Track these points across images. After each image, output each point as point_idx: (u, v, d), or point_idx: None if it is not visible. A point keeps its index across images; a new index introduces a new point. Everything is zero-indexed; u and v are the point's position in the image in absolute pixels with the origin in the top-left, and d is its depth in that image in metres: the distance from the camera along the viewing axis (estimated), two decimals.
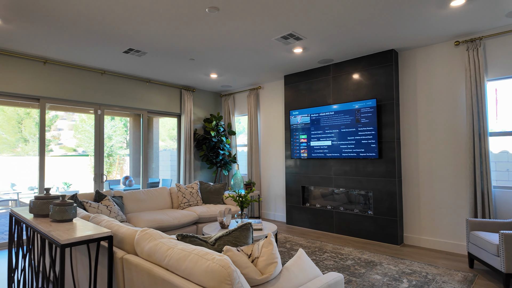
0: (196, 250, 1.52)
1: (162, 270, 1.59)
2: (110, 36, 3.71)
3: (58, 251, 2.33)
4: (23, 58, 4.33)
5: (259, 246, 1.68)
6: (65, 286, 2.54)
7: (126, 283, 1.81)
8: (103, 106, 5.20)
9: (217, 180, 6.79)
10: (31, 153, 16.01)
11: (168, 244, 1.67)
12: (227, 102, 6.85)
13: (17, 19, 3.24)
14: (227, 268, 1.33)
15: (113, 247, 1.94)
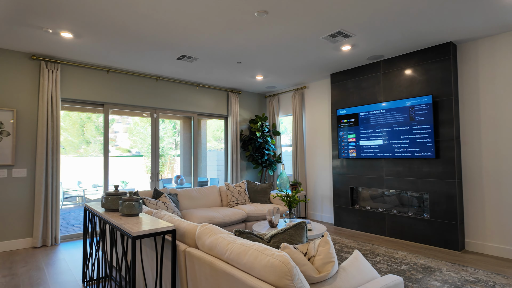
0: (255, 245, 1.59)
1: (223, 263, 1.68)
2: (165, 44, 3.98)
3: (130, 242, 2.56)
4: (90, 68, 4.81)
5: (315, 245, 1.70)
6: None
7: (189, 274, 1.94)
8: (158, 109, 5.58)
9: (262, 180, 6.89)
10: (93, 154, 17.59)
11: (227, 239, 1.76)
12: (272, 102, 6.92)
13: (86, 34, 3.62)
14: (287, 264, 1.38)
15: (176, 240, 2.09)
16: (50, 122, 4.33)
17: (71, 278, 3.15)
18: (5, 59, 4.11)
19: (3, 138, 4.06)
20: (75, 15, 3.14)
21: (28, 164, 4.25)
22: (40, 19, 3.22)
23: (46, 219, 4.28)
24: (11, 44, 3.96)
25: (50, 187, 4.30)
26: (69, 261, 3.67)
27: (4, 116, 4.07)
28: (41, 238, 4.22)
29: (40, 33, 3.59)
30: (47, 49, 4.12)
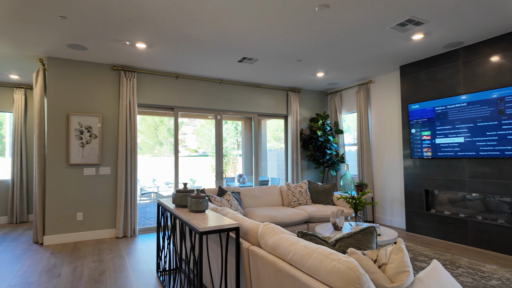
0: (319, 248, 1.53)
1: (286, 264, 1.66)
2: (227, 48, 4.11)
3: (197, 237, 2.70)
4: (161, 75, 5.23)
5: (387, 252, 1.57)
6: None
7: (252, 272, 1.96)
8: (221, 111, 5.81)
9: (324, 180, 6.68)
10: (165, 154, 19.01)
11: (290, 240, 1.73)
12: (334, 100, 6.67)
13: (158, 43, 3.94)
14: (355, 271, 1.29)
15: (239, 238, 2.13)
16: (129, 125, 4.82)
17: (147, 268, 3.45)
18: (93, 71, 4.71)
19: (92, 141, 4.65)
20: (148, 27, 3.44)
21: (111, 163, 4.80)
22: (119, 33, 3.60)
23: (126, 213, 4.78)
24: (97, 58, 4.51)
25: (130, 184, 4.79)
26: (145, 251, 4.04)
27: (92, 121, 4.66)
28: (122, 230, 4.73)
29: (120, 46, 4.02)
30: (125, 60, 4.60)
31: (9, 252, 4.01)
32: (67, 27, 3.42)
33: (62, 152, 4.48)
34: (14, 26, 3.36)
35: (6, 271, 3.35)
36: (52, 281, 3.07)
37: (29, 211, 5.96)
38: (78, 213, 4.54)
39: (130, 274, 3.25)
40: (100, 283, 3.01)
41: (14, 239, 4.61)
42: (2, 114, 6.41)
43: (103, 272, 3.30)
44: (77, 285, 2.97)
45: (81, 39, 3.76)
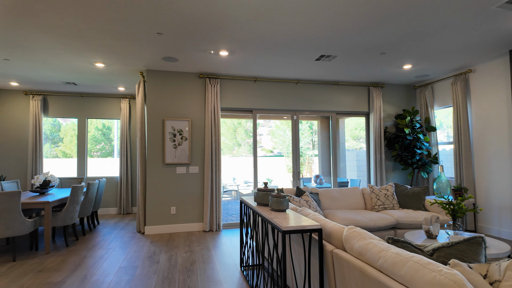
0: (415, 257, 1.40)
1: (376, 271, 1.57)
2: (305, 47, 4.09)
3: (280, 236, 2.76)
4: (240, 79, 5.49)
5: (501, 268, 1.35)
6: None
7: (337, 276, 1.91)
8: (298, 112, 5.80)
9: (413, 183, 6.08)
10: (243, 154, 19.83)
11: (379, 245, 1.63)
12: (423, 93, 6.01)
13: (238, 50, 4.15)
14: (461, 285, 1.15)
15: (322, 240, 2.10)
16: (213, 128, 5.19)
17: (231, 261, 3.66)
18: (182, 80, 5.22)
19: (183, 142, 5.16)
20: (230, 36, 3.65)
21: (199, 163, 5.24)
22: (205, 43, 3.92)
23: (212, 209, 5.16)
24: (186, 67, 4.99)
25: (214, 182, 5.15)
26: (229, 246, 4.29)
27: (183, 125, 5.17)
28: (208, 224, 5.11)
29: (205, 55, 4.36)
30: (209, 68, 4.97)
31: (119, 238, 4.72)
32: (162, 42, 3.87)
33: (159, 152, 5.09)
34: (121, 46, 3.96)
35: (118, 254, 3.96)
36: (152, 266, 3.50)
37: (133, 204, 6.92)
38: (172, 207, 5.08)
39: (217, 266, 3.49)
40: (192, 272, 3.32)
41: (122, 228, 5.41)
42: (111, 121, 7.59)
43: (193, 262, 3.63)
44: (172, 272, 3.33)
45: (174, 51, 4.21)
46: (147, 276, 3.21)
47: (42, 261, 3.67)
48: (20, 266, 3.51)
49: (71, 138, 8.19)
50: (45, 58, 4.39)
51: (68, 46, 3.94)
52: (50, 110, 6.59)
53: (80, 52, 4.14)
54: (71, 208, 4.33)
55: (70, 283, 3.03)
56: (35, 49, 4.03)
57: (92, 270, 3.39)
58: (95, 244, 4.38)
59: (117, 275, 3.23)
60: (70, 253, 4.00)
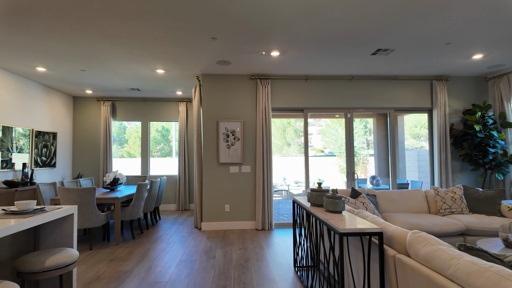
0: (494, 267, 1.26)
1: (445, 280, 1.44)
2: (359, 43, 3.93)
3: (337, 238, 2.69)
4: (291, 79, 5.47)
5: None
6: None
7: (400, 282, 1.80)
8: (351, 109, 5.59)
9: (485, 186, 5.46)
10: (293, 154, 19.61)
11: (450, 252, 1.50)
12: (497, 86, 5.36)
13: (289, 49, 4.14)
14: None
15: (383, 244, 2.00)
16: (264, 128, 5.26)
17: (284, 261, 3.67)
18: (235, 82, 5.37)
19: (236, 143, 5.31)
20: (282, 36, 3.66)
21: (250, 162, 5.34)
22: (257, 45, 3.98)
23: (264, 208, 5.22)
24: (239, 70, 5.12)
25: (266, 181, 5.21)
26: (282, 245, 4.30)
27: (235, 126, 5.32)
28: (261, 223, 5.19)
29: (257, 57, 4.44)
30: (261, 69, 5.04)
31: (179, 233, 5.03)
32: (216, 47, 4.03)
33: (213, 152, 5.30)
34: (179, 52, 4.21)
35: (178, 248, 4.22)
36: (209, 261, 3.67)
37: (190, 200, 7.31)
38: (226, 205, 5.26)
39: (270, 265, 3.53)
40: (246, 269, 3.40)
41: (181, 223, 5.75)
42: (169, 123, 8.11)
43: (247, 259, 3.71)
44: (228, 268, 3.45)
45: (227, 55, 4.36)
46: (204, 270, 3.37)
47: (113, 251, 4.07)
48: (95, 255, 3.93)
49: (134, 139, 8.92)
50: (114, 67, 4.86)
51: (133, 55, 4.31)
52: (118, 114, 7.28)
53: (144, 60, 4.50)
54: (137, 204, 4.73)
55: (137, 273, 3.31)
56: (106, 60, 4.48)
57: (155, 261, 3.67)
58: (157, 238, 4.73)
59: (177, 268, 3.45)
60: (136, 245, 4.37)
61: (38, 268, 1.99)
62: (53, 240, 2.45)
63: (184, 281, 3.07)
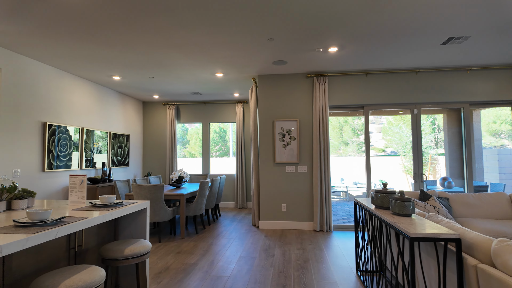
0: None
1: None
2: (427, 32, 3.61)
3: (407, 243, 2.52)
4: (350, 75, 5.25)
5: None
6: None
7: None
8: (418, 105, 5.17)
9: None
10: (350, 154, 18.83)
11: None
12: None
13: (348, 44, 3.98)
14: None
15: (461, 251, 1.81)
16: (321, 127, 5.14)
17: (345, 264, 3.54)
18: (290, 81, 5.35)
19: (291, 142, 5.29)
20: (340, 31, 3.54)
21: (307, 162, 5.27)
22: (314, 42, 3.91)
23: (322, 209, 5.11)
24: (294, 69, 5.09)
25: (324, 181, 5.09)
26: (342, 248, 4.16)
27: (291, 125, 5.29)
28: (319, 224, 5.08)
29: (313, 54, 4.36)
30: (317, 66, 4.94)
31: (238, 230, 5.18)
32: (273, 47, 4.06)
33: (269, 152, 5.36)
34: (237, 56, 4.34)
35: (238, 244, 4.35)
36: (268, 259, 3.71)
37: (248, 199, 7.49)
38: (283, 204, 5.27)
39: (331, 267, 3.43)
40: (306, 270, 3.36)
41: (240, 221, 5.92)
42: (226, 124, 8.41)
43: (306, 260, 3.66)
44: (287, 267, 3.45)
45: (283, 54, 4.36)
46: (264, 268, 3.42)
47: (179, 244, 4.37)
48: (164, 247, 4.26)
49: (195, 140, 9.42)
50: (178, 73, 5.21)
51: (196, 61, 4.57)
52: (182, 117, 7.78)
53: (205, 65, 4.74)
54: (200, 201, 5.00)
55: (202, 266, 3.50)
56: (172, 66, 4.83)
57: (217, 256, 3.83)
58: (218, 234, 4.94)
59: (238, 264, 3.56)
60: (199, 239, 4.62)
61: (118, 256, 2.23)
62: (130, 231, 2.72)
63: (245, 277, 3.16)
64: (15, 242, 1.39)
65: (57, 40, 3.75)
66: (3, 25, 3.31)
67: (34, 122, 4.46)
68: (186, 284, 3.01)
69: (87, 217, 1.92)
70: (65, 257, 2.10)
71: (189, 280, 3.10)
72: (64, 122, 5.05)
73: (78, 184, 2.46)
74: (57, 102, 4.92)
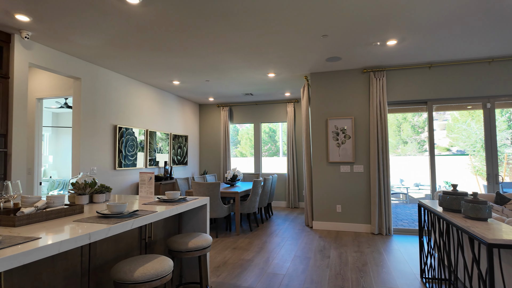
0: None
1: None
2: (504, 15, 3.22)
3: (483, 250, 2.30)
4: (411, 68, 4.91)
5: None
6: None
7: None
8: (492, 98, 4.63)
9: None
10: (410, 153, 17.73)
11: None
12: None
13: (410, 36, 3.73)
14: None
15: None
16: (379, 124, 4.89)
17: (408, 269, 3.33)
18: (345, 78, 5.19)
19: (346, 141, 5.12)
20: (401, 22, 3.34)
21: (363, 162, 5.06)
22: (371, 36, 3.75)
23: (381, 211, 4.86)
24: (349, 65, 4.92)
25: (382, 182, 4.83)
26: (404, 253, 3.91)
27: (346, 123, 5.13)
28: (377, 226, 4.84)
29: (370, 48, 4.17)
30: (374, 61, 4.71)
31: (291, 230, 5.18)
32: (327, 44, 3.99)
33: (323, 151, 5.25)
34: (290, 55, 4.34)
35: (291, 243, 4.35)
36: (324, 260, 3.64)
37: (299, 199, 7.43)
38: (337, 205, 5.13)
39: (392, 272, 3.26)
40: (364, 273, 3.23)
41: (292, 220, 5.91)
42: (275, 124, 8.45)
43: (365, 263, 3.52)
44: (344, 269, 3.35)
45: (337, 51, 4.25)
46: (320, 269, 3.37)
47: (235, 240, 4.51)
48: (221, 242, 4.44)
49: (246, 140, 9.63)
50: (232, 76, 5.38)
51: (249, 63, 4.68)
52: (234, 118, 8.03)
53: (258, 66, 4.83)
54: (253, 199, 5.11)
55: (257, 262, 3.58)
56: (226, 69, 5.01)
57: (272, 254, 3.88)
58: (271, 232, 4.99)
59: (293, 263, 3.56)
60: (254, 236, 4.72)
61: (183, 248, 2.39)
62: (192, 226, 2.89)
63: (300, 276, 3.15)
64: (100, 230, 1.58)
65: (126, 51, 4.14)
66: (84, 40, 3.76)
67: (107, 125, 4.98)
68: (244, 279, 3.11)
69: (156, 211, 2.09)
70: (137, 246, 2.32)
71: (246, 276, 3.19)
72: (131, 124, 5.55)
73: (147, 181, 2.69)
74: (125, 106, 5.42)
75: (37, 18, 3.18)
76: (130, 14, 3.11)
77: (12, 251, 1.18)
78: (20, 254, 1.18)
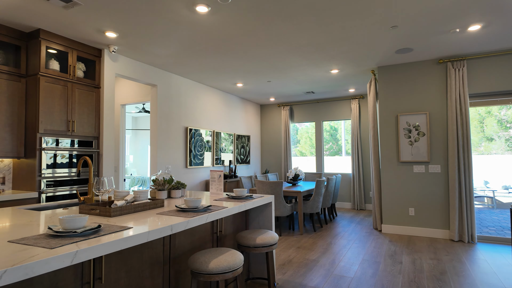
0: None
1: None
2: None
3: None
4: (497, 55, 4.31)
5: None
6: None
7: None
8: None
9: None
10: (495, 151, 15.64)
11: None
12: None
13: (497, 19, 3.27)
14: None
15: None
16: (459, 119, 4.39)
17: (498, 283, 2.93)
18: (417, 70, 4.78)
19: (420, 138, 4.72)
20: (486, 4, 2.96)
21: (440, 161, 4.60)
22: (448, 23, 3.39)
23: (461, 215, 4.36)
24: (422, 56, 4.53)
25: (463, 184, 4.33)
26: (491, 263, 3.46)
27: (420, 119, 4.72)
28: (457, 233, 4.36)
29: (446, 37, 3.78)
30: (452, 50, 4.26)
31: (357, 232, 4.97)
32: (396, 35, 3.73)
33: (393, 150, 4.92)
34: (354, 50, 4.16)
35: (359, 246, 4.18)
36: (395, 266, 3.42)
37: (366, 200, 7.08)
38: (410, 208, 4.76)
39: (478, 284, 2.91)
40: (443, 283, 2.95)
41: (358, 223, 5.66)
42: (337, 122, 8.15)
43: (443, 272, 3.21)
44: (419, 277, 3.10)
45: (408, 42, 3.95)
46: (391, 274, 3.17)
47: (298, 240, 4.50)
48: (284, 241, 4.47)
49: (305, 140, 9.52)
50: (293, 75, 5.38)
51: (310, 60, 4.63)
52: (295, 117, 8.00)
53: (320, 63, 4.75)
54: (316, 199, 5.03)
55: (323, 263, 3.52)
56: (287, 69, 5.03)
57: (338, 256, 3.78)
58: (336, 233, 4.85)
59: (361, 266, 3.42)
60: (318, 237, 4.65)
61: (251, 243, 2.47)
62: (258, 222, 2.98)
63: (370, 281, 3.01)
64: (180, 223, 1.73)
65: (194, 57, 4.44)
66: (159, 49, 4.14)
67: (179, 127, 5.40)
68: (309, 279, 3.09)
69: (227, 207, 2.21)
70: (210, 240, 2.48)
71: (311, 276, 3.16)
72: (199, 126, 5.93)
73: (217, 178, 2.86)
74: (194, 109, 5.81)
75: (122, 33, 3.61)
76: (199, 22, 3.33)
77: (111, 238, 1.37)
78: (119, 241, 1.36)
